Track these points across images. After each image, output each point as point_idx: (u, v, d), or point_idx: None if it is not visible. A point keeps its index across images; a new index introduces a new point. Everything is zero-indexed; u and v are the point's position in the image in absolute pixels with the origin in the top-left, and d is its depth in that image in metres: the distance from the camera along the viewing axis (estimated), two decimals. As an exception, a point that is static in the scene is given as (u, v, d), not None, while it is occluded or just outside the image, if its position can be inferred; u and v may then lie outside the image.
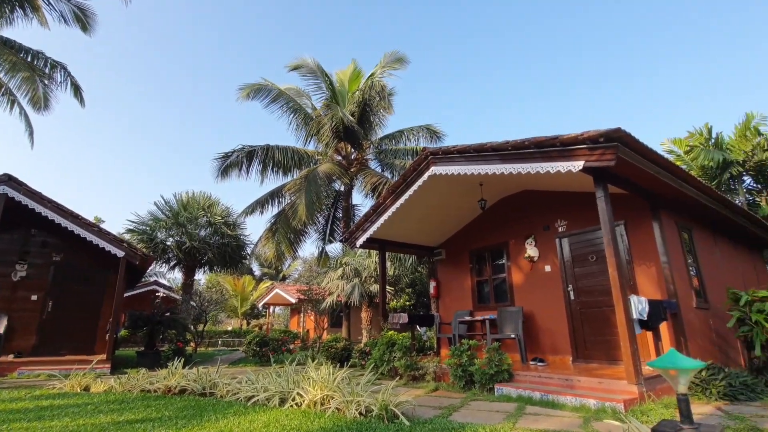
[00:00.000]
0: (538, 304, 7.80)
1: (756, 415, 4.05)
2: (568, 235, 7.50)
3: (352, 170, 15.35)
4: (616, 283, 4.81)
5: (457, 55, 71.34)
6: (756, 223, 8.02)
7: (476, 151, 6.10)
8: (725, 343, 6.85)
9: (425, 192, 7.62)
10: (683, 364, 2.05)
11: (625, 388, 4.65)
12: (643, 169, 5.01)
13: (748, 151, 13.30)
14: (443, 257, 10.11)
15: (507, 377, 5.81)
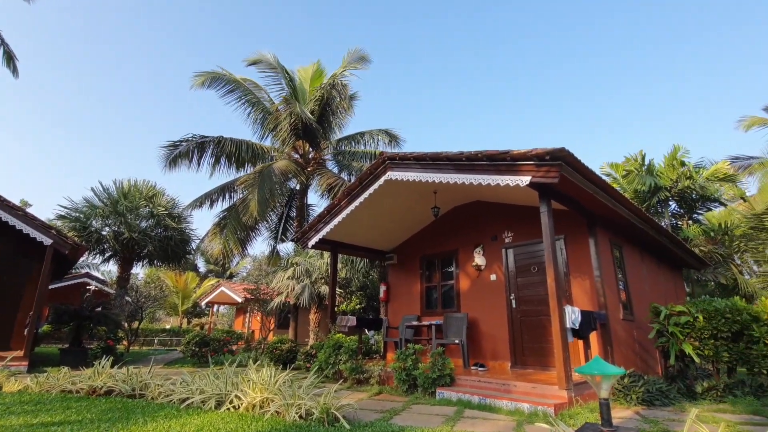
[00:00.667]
0: (482, 311, 8.08)
1: (668, 419, 4.43)
2: (513, 246, 7.85)
3: (309, 169, 15.14)
4: (554, 294, 5.10)
5: (423, 64, 72.81)
6: (677, 245, 8.83)
7: (432, 160, 6.24)
8: (646, 352, 7.46)
9: (380, 196, 7.67)
10: (607, 371, 2.21)
11: (556, 393, 4.92)
12: (583, 188, 5.37)
13: (674, 178, 14.64)
14: (395, 262, 10.20)
15: (449, 381, 5.96)
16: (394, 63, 71.58)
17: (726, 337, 5.86)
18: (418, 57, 71.64)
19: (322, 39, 68.58)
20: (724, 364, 5.96)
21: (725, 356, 5.83)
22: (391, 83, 77.19)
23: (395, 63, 71.83)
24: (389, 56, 70.57)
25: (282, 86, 15.01)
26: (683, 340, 5.99)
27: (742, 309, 5.93)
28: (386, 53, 68.98)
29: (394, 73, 73.72)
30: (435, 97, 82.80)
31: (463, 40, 68.46)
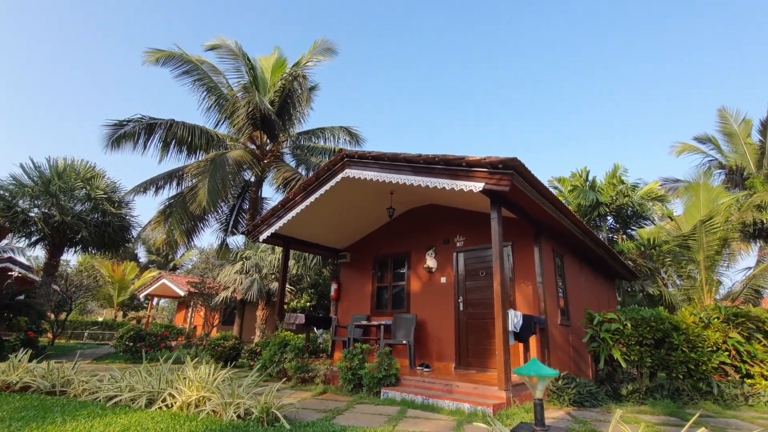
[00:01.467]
0: (431, 312, 8.21)
1: (596, 420, 4.72)
2: (464, 251, 8.06)
3: (265, 161, 14.71)
4: (499, 298, 5.28)
5: (388, 66, 73.16)
6: (612, 257, 9.46)
7: (390, 160, 6.26)
8: (579, 356, 7.93)
9: (337, 193, 7.59)
10: (542, 373, 2.30)
11: (495, 394, 5.09)
12: (531, 198, 5.61)
13: (613, 195, 15.72)
14: (348, 260, 10.14)
15: (394, 381, 5.99)
16: (360, 63, 71.47)
17: (650, 343, 6.35)
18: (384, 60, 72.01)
19: (285, 34, 67.12)
20: (647, 368, 6.45)
21: (648, 361, 6.32)
22: (357, 82, 77.01)
23: (362, 63, 71.73)
24: (356, 57, 70.32)
25: (242, 73, 14.47)
26: (613, 345, 6.41)
27: (665, 318, 6.45)
28: (353, 54, 68.67)
29: (361, 71, 73.60)
30: (398, 99, 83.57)
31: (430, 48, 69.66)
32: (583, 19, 57.44)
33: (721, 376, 6.28)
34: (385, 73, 74.99)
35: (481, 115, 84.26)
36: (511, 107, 76.00)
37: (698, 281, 11.80)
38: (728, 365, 6.27)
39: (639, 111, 62.65)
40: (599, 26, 56.52)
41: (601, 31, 55.78)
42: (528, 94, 70.51)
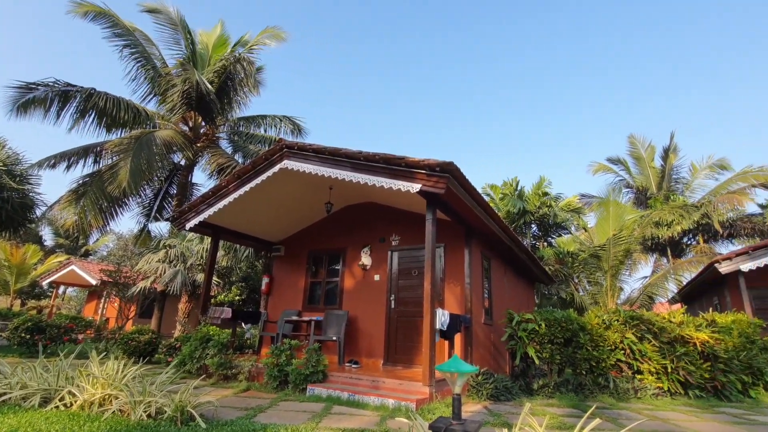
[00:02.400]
0: (363, 309, 8.27)
1: (509, 413, 5.05)
2: (399, 249, 8.21)
3: (199, 145, 13.84)
4: (428, 297, 5.45)
5: (343, 58, 72.15)
6: (534, 262, 10.19)
7: (331, 155, 6.19)
8: (499, 353, 8.44)
9: (274, 184, 7.36)
10: (462, 369, 2.41)
11: (419, 389, 5.26)
12: (465, 202, 5.86)
13: (538, 205, 16.94)
14: (282, 254, 9.88)
15: (321, 378, 5.95)
16: (310, 54, 69.75)
17: (560, 342, 6.93)
18: (333, 53, 71.03)
19: (234, 10, 63.65)
20: (556, 365, 7.03)
21: (558, 358, 6.89)
22: (306, 74, 75.11)
23: (312, 54, 70.07)
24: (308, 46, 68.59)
25: (181, 47, 13.47)
26: (528, 343, 6.91)
27: (574, 320, 7.08)
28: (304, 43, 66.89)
29: (310, 63, 71.88)
30: (345, 94, 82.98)
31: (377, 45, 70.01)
32: (519, 34, 61.15)
33: (617, 372, 7.02)
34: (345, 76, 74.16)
35: (430, 119, 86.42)
36: (454, 116, 78.86)
37: (604, 287, 13.10)
38: (623, 362, 7.03)
39: (568, 127, 68.10)
40: (538, 41, 60.51)
41: (548, 45, 59.78)
42: (473, 103, 73.68)
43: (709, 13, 44.70)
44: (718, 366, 6.78)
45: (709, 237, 19.27)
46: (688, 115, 55.87)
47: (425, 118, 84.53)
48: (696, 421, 4.96)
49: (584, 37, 55.99)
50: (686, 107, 56.05)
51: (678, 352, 6.83)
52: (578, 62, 58.54)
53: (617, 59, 56.33)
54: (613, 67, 56.97)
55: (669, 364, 6.78)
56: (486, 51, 63.31)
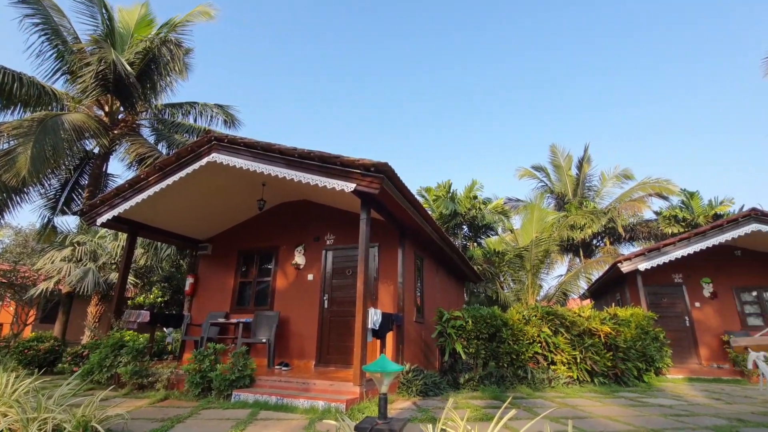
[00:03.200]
0: (295, 310, 8.08)
1: (436, 407, 5.21)
2: (333, 249, 8.14)
3: (116, 132, 12.61)
4: (361, 296, 5.47)
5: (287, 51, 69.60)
6: (464, 261, 10.67)
7: (264, 150, 5.97)
8: (429, 350, 8.71)
9: (200, 178, 6.93)
10: (388, 369, 2.44)
11: (350, 390, 5.25)
12: (399, 203, 5.96)
13: (469, 207, 17.76)
14: (209, 252, 9.34)
15: (248, 383, 5.71)
16: (245, 41, 66.61)
17: (485, 337, 7.31)
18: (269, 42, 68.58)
19: None
20: (481, 359, 7.41)
21: (482, 353, 7.27)
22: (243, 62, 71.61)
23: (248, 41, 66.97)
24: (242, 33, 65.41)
25: (97, 22, 12.16)
26: (456, 339, 7.20)
27: (498, 316, 7.51)
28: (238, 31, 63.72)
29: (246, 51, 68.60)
30: (284, 89, 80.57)
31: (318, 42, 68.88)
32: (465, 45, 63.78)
33: (534, 364, 7.57)
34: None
35: (369, 124, 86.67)
36: (392, 121, 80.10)
37: (526, 285, 14.08)
38: (540, 354, 7.60)
39: (501, 133, 72.02)
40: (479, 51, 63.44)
41: (483, 57, 62.76)
42: (410, 110, 75.33)
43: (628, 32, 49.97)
44: (618, 355, 7.59)
45: (614, 239, 21.53)
46: (605, 126, 61.94)
47: (365, 122, 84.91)
48: (599, 405, 5.49)
49: (520, 50, 59.72)
50: (603, 118, 62.06)
51: (586, 343, 7.54)
52: (513, 74, 62.36)
53: (549, 72, 60.77)
54: (547, 80, 61.39)
55: (578, 355, 7.45)
56: (425, 60, 65.15)
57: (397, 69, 68.67)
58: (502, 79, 64.16)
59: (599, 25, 53.28)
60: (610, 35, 52.22)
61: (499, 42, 60.36)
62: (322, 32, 64.74)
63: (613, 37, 52.94)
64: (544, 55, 57.68)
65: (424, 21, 61.06)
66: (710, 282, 11.24)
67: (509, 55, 59.61)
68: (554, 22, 53.85)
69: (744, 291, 11.10)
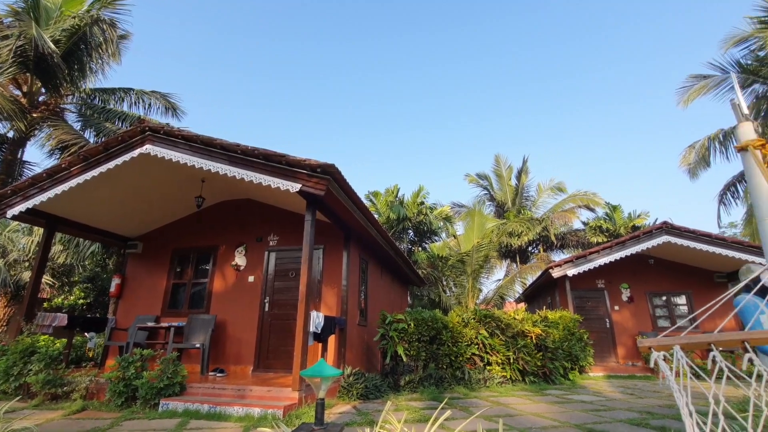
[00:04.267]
0: (234, 313, 7.75)
1: (376, 411, 5.23)
2: (277, 250, 7.92)
3: (36, 115, 11.40)
4: (303, 299, 5.36)
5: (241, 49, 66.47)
6: (408, 265, 10.84)
7: (204, 144, 5.68)
8: (372, 353, 8.73)
9: (132, 171, 6.45)
10: (325, 373, 2.41)
11: (288, 395, 5.11)
12: (345, 205, 5.93)
13: (416, 212, 18.13)
14: (139, 251, 8.70)
15: (179, 390, 5.37)
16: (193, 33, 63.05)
17: (426, 340, 7.47)
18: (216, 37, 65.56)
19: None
20: (421, 361, 7.56)
21: (423, 355, 7.42)
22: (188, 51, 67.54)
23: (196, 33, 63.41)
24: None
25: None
26: (398, 342, 7.29)
27: (438, 319, 7.71)
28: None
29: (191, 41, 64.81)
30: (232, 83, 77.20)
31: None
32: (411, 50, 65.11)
33: (471, 365, 7.85)
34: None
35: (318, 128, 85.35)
36: (341, 125, 79.74)
37: (467, 288, 14.60)
38: (477, 356, 7.90)
39: (452, 140, 74.02)
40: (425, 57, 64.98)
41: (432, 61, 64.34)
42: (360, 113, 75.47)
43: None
44: (547, 355, 8.09)
45: (547, 247, 23.00)
46: (548, 137, 65.92)
47: (314, 125, 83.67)
48: (529, 403, 5.81)
49: (475, 57, 61.95)
50: (543, 131, 66.05)
51: (519, 344, 7.95)
52: (462, 79, 64.60)
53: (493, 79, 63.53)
54: (494, 87, 64.07)
55: (512, 356, 7.84)
56: (374, 65, 65.72)
57: (346, 72, 68.61)
58: (449, 85, 66.31)
59: (549, 32, 56.76)
60: (558, 42, 55.79)
61: (442, 47, 62.31)
62: (271, 30, 63.06)
63: (558, 46, 56.63)
64: (498, 61, 60.36)
65: (372, 22, 61.66)
66: (628, 287, 12.35)
67: (454, 61, 61.73)
68: (499, 30, 56.65)
69: (656, 296, 12.32)
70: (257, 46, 65.23)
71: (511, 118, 64.24)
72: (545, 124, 65.20)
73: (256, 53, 67.18)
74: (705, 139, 13.50)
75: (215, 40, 62.67)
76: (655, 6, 52.61)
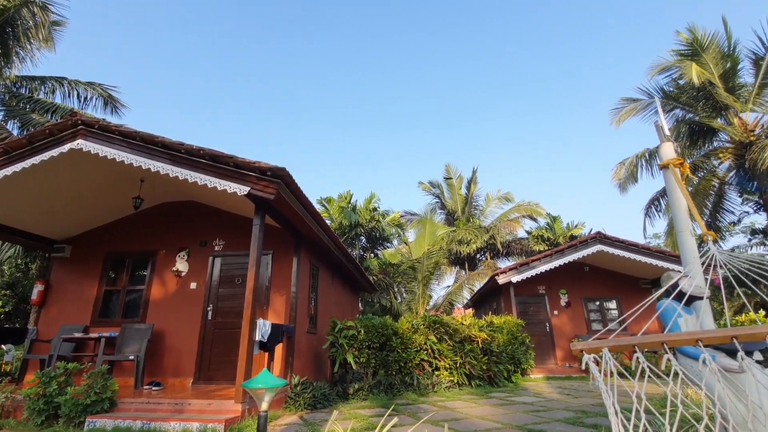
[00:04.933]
0: (173, 322, 7.30)
1: (323, 420, 5.13)
2: (222, 255, 7.58)
3: (-55, 103, 10.18)
4: (249, 306, 5.17)
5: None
6: (359, 272, 10.81)
7: (144, 141, 5.33)
8: (321, 361, 8.57)
9: (61, 167, 5.93)
10: (269, 383, 2.32)
11: (231, 408, 4.88)
12: (296, 210, 5.81)
13: (368, 219, 18.16)
14: (66, 255, 7.97)
15: (108, 407, 4.96)
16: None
17: (376, 347, 7.46)
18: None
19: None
20: (371, 368, 7.53)
21: (373, 362, 7.39)
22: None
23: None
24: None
25: None
26: (348, 350, 7.22)
27: (389, 325, 7.74)
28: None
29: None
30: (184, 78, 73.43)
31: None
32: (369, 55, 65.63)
33: (420, 370, 7.94)
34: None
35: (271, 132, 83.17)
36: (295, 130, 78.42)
37: (417, 295, 14.80)
38: (426, 361, 8.00)
39: (405, 147, 74.93)
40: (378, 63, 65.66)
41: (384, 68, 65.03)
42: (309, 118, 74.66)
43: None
44: (492, 359, 8.37)
45: (494, 254, 23.94)
46: (496, 148, 68.68)
47: (265, 129, 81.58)
48: (475, 406, 5.97)
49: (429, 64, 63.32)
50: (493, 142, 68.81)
51: (466, 349, 8.17)
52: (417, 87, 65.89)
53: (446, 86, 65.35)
54: (447, 94, 65.79)
55: (459, 360, 8.03)
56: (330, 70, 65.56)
57: (303, 76, 67.82)
58: (404, 91, 67.51)
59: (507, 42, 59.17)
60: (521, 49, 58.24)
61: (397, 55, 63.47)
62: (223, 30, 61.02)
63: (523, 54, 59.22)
64: (453, 68, 62.16)
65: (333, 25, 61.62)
66: (566, 293, 13.12)
67: (407, 67, 63.06)
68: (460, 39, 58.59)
69: (590, 301, 13.19)
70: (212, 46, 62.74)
71: (464, 128, 66.55)
72: (496, 134, 68.15)
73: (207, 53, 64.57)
74: (633, 157, 14.74)
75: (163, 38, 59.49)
76: (600, 25, 56.71)
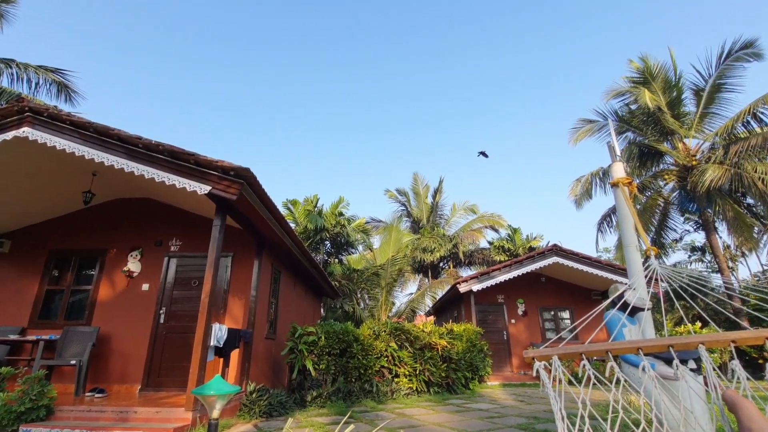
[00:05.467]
0: (121, 325, 6.91)
1: (278, 429, 4.99)
2: (179, 256, 7.28)
3: None
4: (204, 309, 4.98)
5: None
6: (323, 277, 10.69)
7: (98, 133, 5.05)
8: (279, 368, 8.37)
9: (2, 155, 5.50)
10: (221, 390, 2.24)
11: (181, 416, 4.66)
12: (259, 212, 5.68)
13: (334, 223, 18.04)
14: (5, 250, 7.40)
15: (44, 415, 4.62)
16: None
17: (336, 353, 7.38)
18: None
19: None
20: (331, 375, 7.42)
21: (333, 369, 7.30)
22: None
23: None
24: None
25: None
26: (307, 356, 7.10)
27: (350, 332, 7.68)
28: None
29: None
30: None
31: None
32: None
33: (380, 377, 7.92)
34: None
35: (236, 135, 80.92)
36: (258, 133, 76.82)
37: (380, 301, 14.81)
38: (386, 368, 7.99)
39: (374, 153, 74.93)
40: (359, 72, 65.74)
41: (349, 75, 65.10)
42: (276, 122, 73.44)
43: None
44: (451, 366, 8.48)
45: (456, 263, 24.39)
46: (461, 157, 69.98)
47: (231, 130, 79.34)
48: (432, 413, 6.02)
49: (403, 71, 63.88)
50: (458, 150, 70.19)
51: (426, 356, 8.23)
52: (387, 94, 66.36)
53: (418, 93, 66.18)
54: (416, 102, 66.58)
55: (419, 367, 8.08)
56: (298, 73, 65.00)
57: (272, 80, 66.76)
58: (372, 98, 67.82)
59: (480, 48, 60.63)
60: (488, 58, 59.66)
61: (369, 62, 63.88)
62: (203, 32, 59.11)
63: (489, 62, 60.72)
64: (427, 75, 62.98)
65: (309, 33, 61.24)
66: (523, 302, 13.55)
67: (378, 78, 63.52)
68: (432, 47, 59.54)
69: (545, 310, 13.69)
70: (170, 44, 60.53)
71: (431, 138, 67.58)
72: (463, 145, 69.67)
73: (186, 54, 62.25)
74: (589, 175, 15.54)
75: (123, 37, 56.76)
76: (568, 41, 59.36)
